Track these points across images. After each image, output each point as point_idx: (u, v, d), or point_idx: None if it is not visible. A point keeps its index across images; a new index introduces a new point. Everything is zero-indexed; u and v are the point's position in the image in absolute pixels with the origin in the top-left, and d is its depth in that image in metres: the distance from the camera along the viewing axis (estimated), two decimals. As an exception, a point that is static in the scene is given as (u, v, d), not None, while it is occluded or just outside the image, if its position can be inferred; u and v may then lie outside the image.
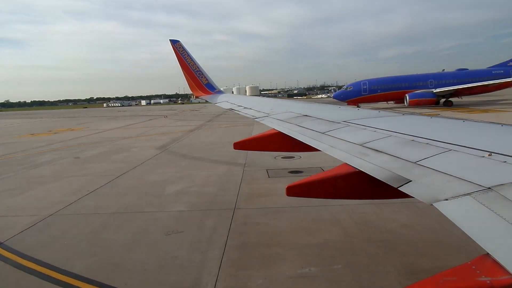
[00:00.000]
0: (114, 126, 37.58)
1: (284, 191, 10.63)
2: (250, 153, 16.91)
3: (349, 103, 37.91)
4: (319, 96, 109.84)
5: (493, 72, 39.99)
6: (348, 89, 40.44)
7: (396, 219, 7.67)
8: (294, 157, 15.52)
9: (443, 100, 38.26)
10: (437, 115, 4.86)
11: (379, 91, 38.31)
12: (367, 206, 8.54)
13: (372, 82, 39.22)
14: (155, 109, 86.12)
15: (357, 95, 38.72)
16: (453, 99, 39.37)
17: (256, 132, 25.82)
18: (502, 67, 40.41)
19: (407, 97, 36.28)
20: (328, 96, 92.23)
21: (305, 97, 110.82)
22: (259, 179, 11.75)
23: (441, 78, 39.42)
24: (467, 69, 43.66)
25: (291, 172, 12.54)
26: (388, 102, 41.85)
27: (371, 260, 5.86)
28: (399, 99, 38.30)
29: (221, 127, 31.20)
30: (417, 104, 36.07)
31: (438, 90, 36.78)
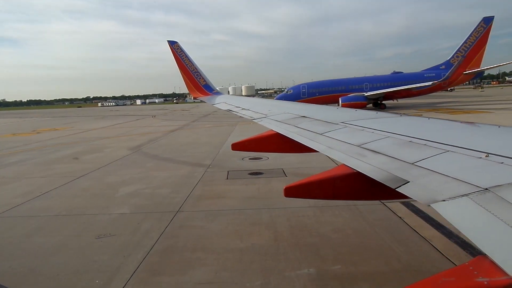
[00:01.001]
0: (99, 126, 37.47)
1: (235, 193, 10.54)
2: (221, 153, 16.87)
3: None
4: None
5: (425, 75, 41.09)
6: (288, 93, 41.33)
7: (332, 223, 7.62)
8: (262, 158, 15.46)
9: (370, 104, 39.18)
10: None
11: (317, 94, 39.24)
12: (309, 210, 8.49)
13: (310, 85, 40.27)
14: (147, 109, 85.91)
15: (297, 98, 39.83)
16: (391, 102, 40.08)
17: (237, 132, 25.82)
18: (434, 71, 41.47)
19: (340, 101, 37.20)
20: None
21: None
22: (216, 181, 11.68)
23: (375, 82, 40.37)
24: (402, 72, 44.86)
25: (251, 173, 12.47)
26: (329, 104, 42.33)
27: (288, 266, 5.79)
28: (336, 102, 39.09)
29: (204, 127, 31.13)
30: (349, 107, 36.58)
31: (368, 93, 37.70)
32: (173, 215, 8.40)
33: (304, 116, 5.65)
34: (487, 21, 40.44)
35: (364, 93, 37.77)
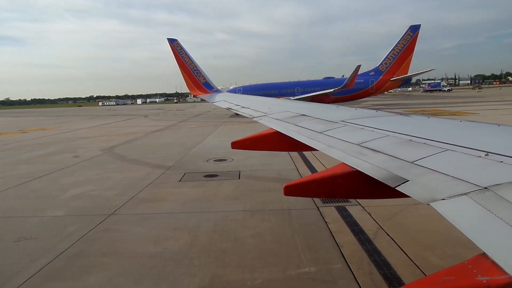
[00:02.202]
0: (87, 126, 37.60)
1: (179, 195, 10.50)
2: (190, 154, 16.85)
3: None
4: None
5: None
6: None
7: (256, 227, 7.58)
8: (226, 159, 15.42)
9: None
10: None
11: None
12: (241, 213, 8.47)
13: (246, 88, 41.83)
14: (144, 108, 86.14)
15: None
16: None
17: (218, 133, 25.82)
18: (363, 77, 42.10)
19: None
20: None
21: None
22: (168, 183, 11.66)
23: (306, 86, 41.30)
24: (334, 77, 45.86)
25: (206, 176, 12.43)
26: None
27: (185, 272, 5.76)
28: None
29: (189, 127, 31.14)
30: None
31: (294, 98, 38.48)
32: (104, 218, 8.38)
33: (304, 115, 5.66)
34: (414, 30, 41.49)
35: (291, 98, 38.51)
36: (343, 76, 46.70)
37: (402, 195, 2.26)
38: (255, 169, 13.23)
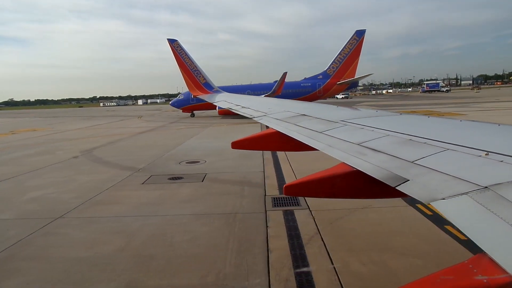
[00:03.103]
0: (78, 127, 37.75)
1: (136, 198, 10.44)
2: (165, 156, 16.84)
3: (183, 110, 42.58)
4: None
5: (301, 84, 42.48)
6: (180, 98, 43.36)
7: (196, 231, 7.54)
8: (199, 161, 15.40)
9: None
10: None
11: (204, 100, 40.01)
12: (187, 217, 8.44)
13: None
14: (143, 109, 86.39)
15: (187, 103, 41.74)
16: None
17: (202, 134, 25.83)
18: (311, 80, 42.46)
19: (217, 108, 38.45)
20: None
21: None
22: (130, 186, 11.64)
23: (257, 89, 41.63)
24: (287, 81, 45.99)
25: (171, 178, 12.41)
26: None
27: (106, 278, 5.74)
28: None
29: (176, 128, 31.16)
30: (225, 113, 38.11)
31: None
32: (49, 222, 8.38)
33: (304, 115, 5.65)
34: (359, 34, 42.17)
35: None
36: (305, 78, 46.88)
37: (402, 194, 2.27)
38: (223, 172, 13.19)
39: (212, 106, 38.60)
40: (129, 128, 33.77)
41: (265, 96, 36.93)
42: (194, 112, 42.76)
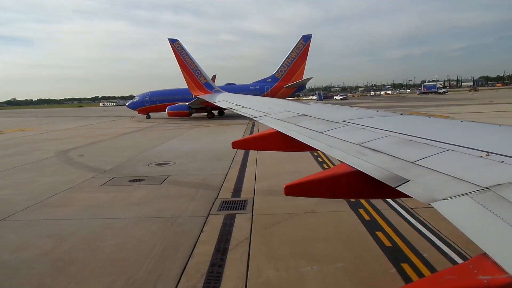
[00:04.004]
0: (68, 127, 37.85)
1: (87, 201, 10.32)
2: (136, 158, 16.80)
3: (139, 112, 43.29)
4: (310, 98, 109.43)
5: (250, 87, 43.06)
6: (135, 100, 44.24)
7: (127, 235, 7.50)
8: (168, 163, 15.35)
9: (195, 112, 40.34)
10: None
11: (158, 102, 41.61)
12: (126, 221, 8.39)
13: (153, 94, 42.70)
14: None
15: (141, 105, 42.62)
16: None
17: (184, 136, 25.78)
18: (260, 83, 43.18)
19: (167, 109, 39.26)
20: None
21: (296, 98, 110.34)
22: (88, 188, 11.61)
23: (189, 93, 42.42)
24: (235, 83, 47.01)
25: (132, 180, 12.37)
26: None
27: (16, 282, 5.72)
28: None
29: (163, 129, 31.11)
30: (174, 115, 39.00)
31: (190, 103, 38.58)
32: (-10, 224, 8.35)
33: (304, 115, 5.65)
34: (306, 39, 42.48)
35: (187, 103, 38.85)
36: (226, 83, 47.33)
37: (403, 195, 2.26)
38: (186, 174, 13.13)
39: (164, 108, 39.72)
40: (117, 128, 33.79)
41: (194, 100, 36.95)
42: (149, 114, 43.20)
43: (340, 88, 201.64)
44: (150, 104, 42.10)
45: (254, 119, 6.81)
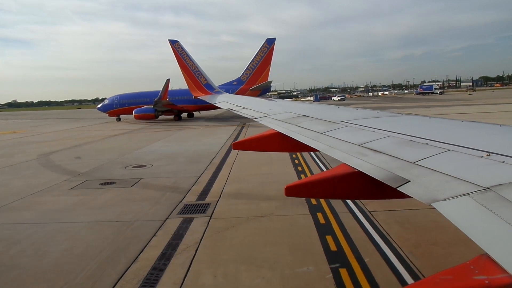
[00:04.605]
0: (59, 129, 37.86)
1: (50, 204, 10.23)
2: (114, 161, 16.74)
3: (109, 115, 43.82)
4: (307, 98, 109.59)
5: (214, 90, 42.81)
6: (105, 103, 45.07)
7: (77, 240, 7.46)
8: (146, 166, 15.31)
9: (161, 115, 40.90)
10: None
11: (126, 105, 42.00)
12: (82, 225, 8.33)
13: (122, 97, 43.26)
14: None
15: (111, 108, 43.30)
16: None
17: (176, 137, 25.74)
18: (226, 86, 43.11)
19: (133, 112, 39.99)
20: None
21: (294, 99, 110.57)
22: (57, 191, 11.56)
23: (174, 95, 42.58)
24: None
25: (102, 183, 12.32)
26: None
27: None
28: None
29: (151, 131, 31.08)
30: (140, 118, 39.79)
31: (154, 105, 38.82)
32: None
33: (305, 115, 5.63)
34: (270, 42, 42.68)
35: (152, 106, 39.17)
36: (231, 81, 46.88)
37: (403, 195, 2.25)
38: (159, 177, 13.07)
39: (131, 111, 40.16)
40: (104, 131, 33.72)
41: (155, 100, 37.61)
42: (120, 116, 43.47)
43: (340, 89, 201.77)
44: (119, 107, 42.63)
45: (254, 120, 6.81)
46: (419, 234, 7.01)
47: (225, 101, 11.29)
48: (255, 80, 42.49)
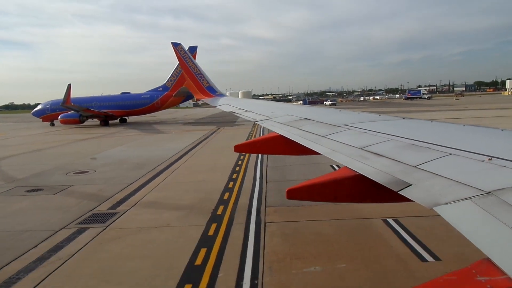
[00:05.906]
0: (34, 133, 37.61)
1: None
2: (63, 166, 16.57)
3: (43, 120, 44.89)
4: (299, 102, 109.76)
5: (142, 96, 44.53)
6: (38, 108, 46.19)
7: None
8: (88, 171, 15.14)
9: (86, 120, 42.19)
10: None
11: (57, 110, 42.22)
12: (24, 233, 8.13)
13: (54, 103, 43.86)
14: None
15: (44, 113, 44.52)
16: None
17: (144, 141, 25.60)
18: (151, 92, 44.38)
19: (59, 118, 41.25)
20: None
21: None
22: (-22, 198, 11.37)
23: (103, 101, 43.77)
24: (130, 92, 47.37)
25: (29, 190, 12.14)
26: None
27: None
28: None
29: (123, 135, 30.90)
30: (65, 123, 41.38)
31: (79, 111, 40.17)
32: None
33: (306, 119, 5.59)
34: (192, 50, 42.84)
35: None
36: (122, 92, 47.43)
37: (405, 199, 2.23)
38: (91, 184, 12.88)
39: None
40: (80, 134, 33.53)
41: (61, 105, 38.02)
42: (53, 121, 43.96)
43: (337, 93, 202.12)
44: (51, 112, 43.41)
45: (256, 122, 6.82)
46: (298, 246, 6.83)
47: (227, 104, 11.25)
48: (179, 86, 42.60)
